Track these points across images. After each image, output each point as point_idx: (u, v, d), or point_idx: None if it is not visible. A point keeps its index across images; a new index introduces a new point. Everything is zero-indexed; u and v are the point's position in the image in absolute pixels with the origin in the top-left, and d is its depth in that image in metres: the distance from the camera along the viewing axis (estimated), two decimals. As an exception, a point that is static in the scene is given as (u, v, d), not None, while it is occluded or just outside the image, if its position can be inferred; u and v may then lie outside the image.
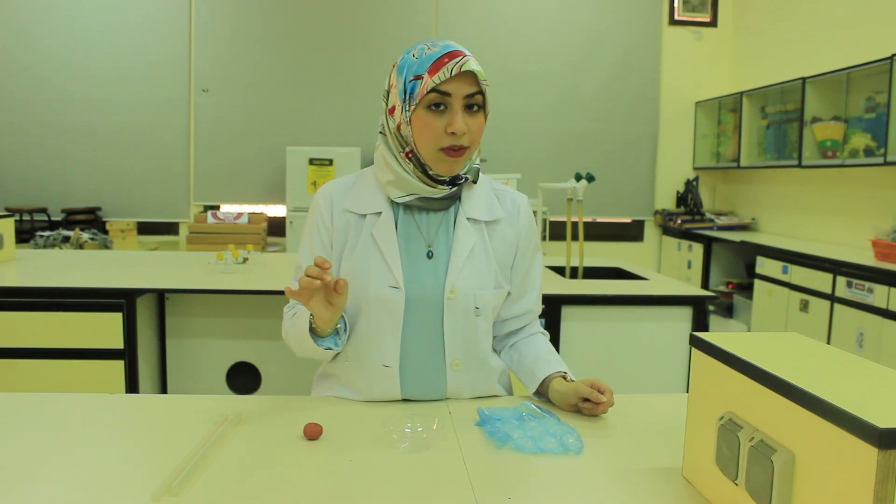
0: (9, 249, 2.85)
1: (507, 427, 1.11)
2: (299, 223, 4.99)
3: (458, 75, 1.16)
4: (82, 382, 2.38)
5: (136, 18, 5.37)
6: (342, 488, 0.94)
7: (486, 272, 1.28)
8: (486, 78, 1.20)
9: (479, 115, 1.21)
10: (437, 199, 1.25)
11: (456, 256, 1.25)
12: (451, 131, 1.17)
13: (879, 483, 0.62)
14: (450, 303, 1.24)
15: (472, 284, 1.26)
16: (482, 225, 1.29)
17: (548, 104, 5.71)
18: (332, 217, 1.29)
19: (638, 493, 0.95)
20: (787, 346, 0.91)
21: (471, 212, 1.28)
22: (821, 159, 4.33)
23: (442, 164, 1.20)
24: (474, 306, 1.26)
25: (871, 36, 4.14)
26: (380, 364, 1.25)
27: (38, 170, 5.39)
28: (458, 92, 1.17)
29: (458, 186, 1.26)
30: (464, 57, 1.17)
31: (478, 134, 1.21)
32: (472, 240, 1.27)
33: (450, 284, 1.24)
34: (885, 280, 3.27)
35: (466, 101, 1.18)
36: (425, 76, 1.16)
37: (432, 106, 1.17)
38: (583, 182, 2.85)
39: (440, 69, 1.15)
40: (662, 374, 2.51)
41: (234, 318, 2.65)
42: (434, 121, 1.17)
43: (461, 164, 1.23)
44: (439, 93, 1.16)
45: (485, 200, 1.31)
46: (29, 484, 0.93)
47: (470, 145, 1.20)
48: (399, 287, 1.23)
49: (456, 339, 1.27)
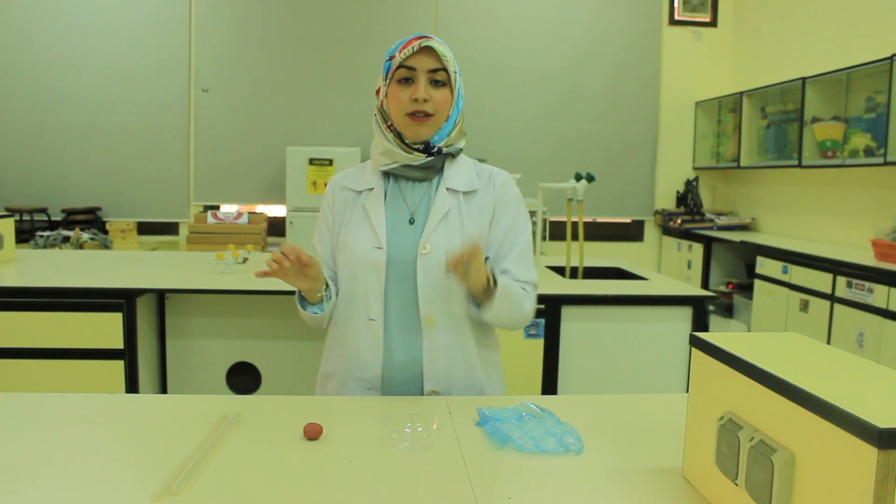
0: (9, 249, 2.85)
1: (506, 427, 1.11)
2: (299, 223, 4.99)
3: (422, 52, 1.35)
4: (82, 382, 2.38)
5: (136, 18, 5.37)
6: (342, 488, 0.94)
7: (460, 233, 1.40)
8: (453, 59, 1.38)
9: (444, 90, 1.39)
10: (417, 168, 1.41)
11: (431, 219, 1.40)
12: (414, 98, 1.35)
13: (879, 483, 0.62)
14: (423, 258, 1.38)
15: (444, 242, 1.38)
16: (460, 195, 1.43)
17: (548, 104, 5.71)
18: (335, 197, 1.49)
19: (638, 493, 0.95)
20: (787, 346, 0.91)
21: (450, 183, 1.44)
22: (821, 159, 4.33)
23: (409, 128, 1.38)
24: (446, 262, 1.33)
25: (871, 36, 4.14)
26: (366, 318, 1.39)
27: (38, 170, 5.39)
28: (422, 66, 1.36)
29: (435, 157, 1.41)
30: (428, 38, 1.36)
31: (442, 104, 1.38)
32: (448, 205, 1.41)
33: (423, 241, 1.38)
34: (885, 280, 3.27)
35: (430, 75, 1.37)
36: (396, 55, 1.37)
37: (402, 80, 1.37)
38: (583, 182, 2.85)
39: (406, 47, 1.36)
40: (662, 374, 2.51)
41: (234, 318, 2.65)
42: (402, 91, 1.37)
43: (427, 130, 1.39)
44: (406, 67, 1.36)
45: (465, 175, 1.46)
46: (29, 484, 0.93)
47: (435, 113, 1.38)
48: (382, 248, 1.38)
49: (429, 294, 1.38)
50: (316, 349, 2.63)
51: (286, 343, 2.65)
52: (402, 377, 1.39)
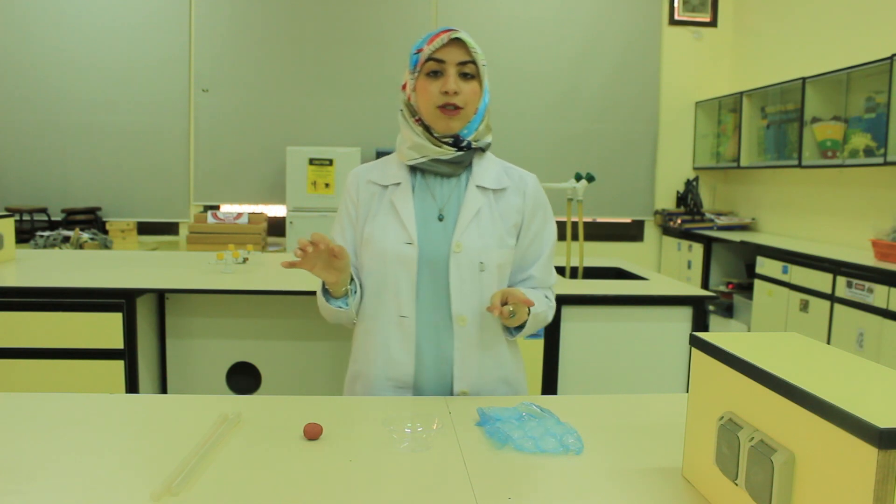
0: (9, 249, 2.85)
1: (507, 427, 1.11)
2: (299, 223, 4.98)
3: (451, 45, 1.35)
4: (82, 382, 2.38)
5: (136, 18, 5.37)
6: (342, 488, 0.94)
7: (491, 232, 1.40)
8: (481, 52, 1.39)
9: (473, 83, 1.39)
10: (446, 163, 1.40)
11: (463, 217, 1.39)
12: (444, 90, 1.34)
13: (879, 483, 0.62)
14: (455, 257, 1.37)
15: (477, 241, 1.38)
16: (490, 192, 1.43)
17: (548, 104, 5.71)
18: (358, 190, 1.46)
19: (638, 493, 0.95)
20: (787, 346, 0.91)
21: (480, 180, 1.43)
22: (821, 159, 4.33)
23: (439, 121, 1.37)
24: (479, 261, 1.38)
25: (871, 36, 4.14)
26: (397, 315, 1.37)
27: (38, 170, 5.39)
28: (451, 59, 1.36)
29: (465, 151, 1.40)
30: (456, 31, 1.36)
31: (472, 97, 1.38)
32: (479, 203, 1.40)
33: (455, 239, 1.37)
34: (885, 280, 3.27)
35: (459, 68, 1.36)
36: (424, 47, 1.36)
37: (431, 73, 1.37)
38: (583, 182, 2.85)
39: (435, 40, 1.35)
40: (662, 374, 2.51)
41: (234, 318, 2.65)
42: (431, 84, 1.37)
43: (457, 123, 1.38)
44: (435, 60, 1.36)
45: (494, 173, 1.46)
46: (29, 484, 0.93)
47: (464, 106, 1.37)
48: (413, 243, 1.37)
49: (462, 293, 1.37)
50: (316, 349, 2.63)
51: (286, 343, 2.65)
52: (432, 376, 1.38)
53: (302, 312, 2.63)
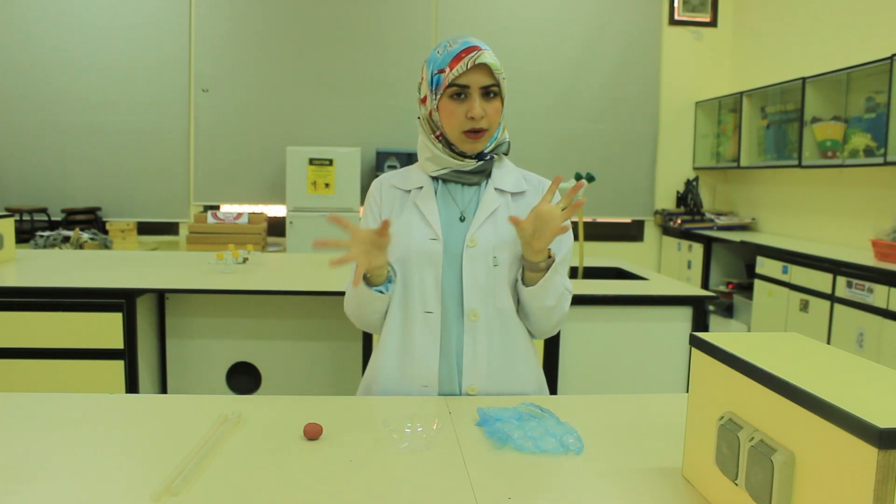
0: (9, 249, 2.85)
1: (507, 427, 1.11)
2: (299, 223, 4.98)
3: (474, 67, 1.33)
4: (82, 382, 2.38)
5: (136, 18, 5.37)
6: (342, 488, 0.94)
7: (507, 229, 1.39)
8: (502, 69, 1.36)
9: (496, 101, 1.37)
10: (467, 172, 1.41)
11: (479, 215, 1.41)
12: (471, 116, 1.33)
13: (879, 483, 0.62)
14: (469, 251, 1.38)
15: (491, 237, 1.39)
16: (508, 195, 1.45)
17: (548, 104, 5.71)
18: (381, 194, 1.47)
19: (638, 493, 0.95)
20: (787, 346, 0.91)
21: (498, 183, 1.45)
22: (821, 159, 4.33)
23: (465, 144, 1.38)
24: (493, 256, 1.38)
25: (871, 36, 4.14)
26: (422, 311, 1.38)
27: (38, 170, 5.39)
28: (475, 83, 1.34)
29: (485, 161, 1.42)
30: (479, 51, 1.33)
31: (495, 116, 1.38)
32: (496, 204, 1.42)
33: (470, 235, 1.39)
34: (885, 280, 3.27)
35: (483, 90, 1.35)
36: (447, 70, 1.33)
37: (454, 95, 1.35)
38: (583, 182, 2.85)
39: (458, 63, 1.33)
40: (662, 374, 2.51)
41: (234, 318, 2.65)
42: (456, 108, 1.35)
43: (482, 143, 1.39)
44: (459, 85, 1.33)
45: (513, 178, 1.47)
46: (29, 484, 0.93)
47: (489, 127, 1.38)
48: (438, 238, 1.38)
49: (474, 288, 1.38)
50: (316, 349, 2.63)
51: (286, 343, 2.65)
52: (444, 371, 1.38)
53: (302, 312, 2.63)
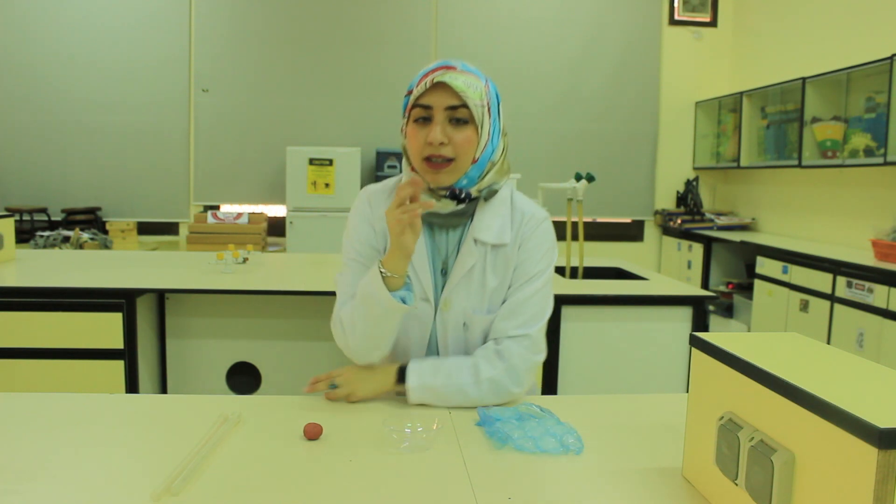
0: (9, 249, 2.85)
1: (507, 427, 1.11)
2: (299, 223, 4.99)
3: (439, 88, 1.20)
4: (82, 382, 2.38)
5: (136, 18, 5.37)
6: (342, 488, 0.94)
7: (480, 295, 1.29)
8: (479, 93, 1.21)
9: (466, 129, 1.22)
10: (444, 216, 1.27)
11: (454, 274, 1.29)
12: (428, 141, 1.20)
13: (879, 483, 0.62)
14: (441, 314, 1.31)
15: (463, 301, 1.29)
16: (488, 247, 1.29)
17: (548, 104, 5.71)
18: (372, 207, 1.34)
19: (638, 493, 0.95)
20: (787, 346, 0.91)
21: (478, 233, 1.29)
22: (821, 159, 4.33)
23: (427, 174, 1.24)
24: (463, 322, 1.31)
25: (871, 36, 4.14)
26: (404, 358, 1.32)
27: (38, 170, 5.39)
28: (438, 104, 1.20)
29: (466, 203, 1.26)
30: (445, 71, 1.20)
31: (465, 146, 1.22)
32: (472, 261, 1.28)
33: (444, 297, 1.30)
34: (885, 280, 3.27)
35: (449, 113, 1.21)
36: (414, 90, 1.22)
37: (419, 119, 1.23)
38: (583, 182, 2.85)
39: (422, 82, 1.21)
40: (662, 374, 2.51)
41: (234, 318, 2.65)
42: (418, 132, 1.22)
43: (446, 177, 1.24)
44: (422, 106, 1.21)
45: (497, 224, 1.30)
46: (29, 484, 0.93)
47: (456, 157, 1.22)
48: (429, 300, 1.30)
49: (446, 347, 1.33)
50: (316, 349, 2.63)
51: (286, 343, 2.65)
52: None
53: (302, 312, 2.63)
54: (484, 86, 1.24)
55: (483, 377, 1.23)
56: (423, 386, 1.23)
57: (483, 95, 1.23)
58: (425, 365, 1.26)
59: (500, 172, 1.29)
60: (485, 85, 1.24)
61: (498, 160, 1.28)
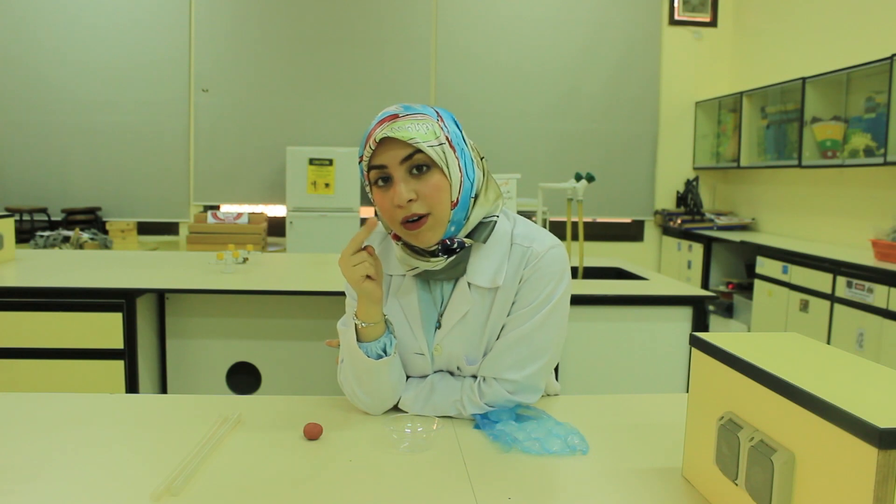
0: (9, 249, 2.85)
1: (508, 428, 1.11)
2: (299, 223, 4.99)
3: (387, 144, 1.09)
4: (82, 382, 2.38)
5: (136, 18, 5.37)
6: (342, 488, 0.94)
7: (475, 342, 1.21)
8: (433, 130, 1.10)
9: (432, 175, 1.10)
10: (440, 270, 1.18)
11: (447, 320, 1.21)
12: (397, 204, 1.09)
13: (879, 483, 0.62)
14: (436, 357, 1.24)
15: (456, 347, 1.21)
16: (483, 290, 1.19)
17: (548, 104, 5.71)
18: None
19: (638, 493, 0.95)
20: (787, 346, 0.91)
21: (473, 277, 1.19)
22: (821, 159, 4.33)
23: (409, 238, 1.14)
24: (456, 366, 1.24)
25: (871, 36, 4.14)
26: None
27: (38, 170, 5.39)
28: (392, 161, 1.10)
29: (458, 253, 1.17)
30: (387, 124, 1.10)
31: (436, 194, 1.10)
32: (467, 307, 1.19)
33: (437, 341, 1.22)
34: (885, 280, 3.27)
35: (407, 165, 1.09)
36: (363, 155, 1.13)
37: (379, 181, 1.12)
38: (583, 182, 2.85)
39: (367, 143, 1.12)
40: (662, 374, 2.51)
41: (234, 318, 2.65)
42: (384, 196, 1.12)
43: (432, 233, 1.13)
44: (377, 167, 1.11)
45: (493, 264, 1.20)
46: (29, 484, 0.93)
47: (430, 210, 1.11)
48: (424, 354, 1.23)
49: None
50: (316, 349, 2.63)
51: (286, 343, 2.65)
52: None
53: (302, 312, 2.63)
54: (435, 122, 1.12)
55: (467, 413, 1.20)
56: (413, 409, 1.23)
57: (437, 132, 1.11)
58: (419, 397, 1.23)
59: (487, 202, 1.18)
60: (436, 120, 1.12)
61: (481, 191, 1.17)
